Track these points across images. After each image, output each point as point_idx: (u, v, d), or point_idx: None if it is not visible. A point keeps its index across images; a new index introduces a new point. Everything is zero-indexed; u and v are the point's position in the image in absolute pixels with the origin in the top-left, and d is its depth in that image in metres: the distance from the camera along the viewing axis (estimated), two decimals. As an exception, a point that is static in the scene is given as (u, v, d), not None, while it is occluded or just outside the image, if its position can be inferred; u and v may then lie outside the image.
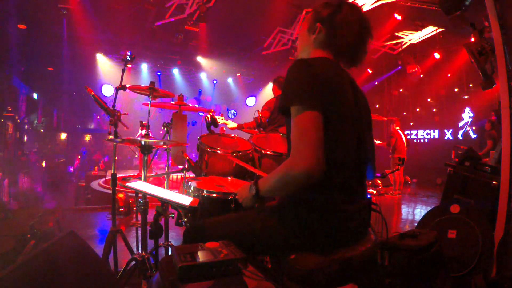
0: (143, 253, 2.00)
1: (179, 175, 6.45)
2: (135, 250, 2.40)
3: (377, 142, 7.12)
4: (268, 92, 14.21)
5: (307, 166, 1.01)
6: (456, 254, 2.29)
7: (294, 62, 1.16)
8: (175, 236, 3.68)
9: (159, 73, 12.26)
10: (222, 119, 3.58)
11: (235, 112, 15.24)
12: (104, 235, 3.43)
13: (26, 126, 10.63)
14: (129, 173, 9.72)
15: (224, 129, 3.12)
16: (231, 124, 3.67)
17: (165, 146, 2.53)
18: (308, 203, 1.13)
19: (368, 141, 1.26)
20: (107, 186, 6.80)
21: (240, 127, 3.71)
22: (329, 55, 1.26)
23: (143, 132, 2.35)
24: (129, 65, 2.34)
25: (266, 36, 9.27)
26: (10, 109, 8.25)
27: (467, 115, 9.70)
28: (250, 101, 14.48)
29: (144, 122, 2.50)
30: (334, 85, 1.14)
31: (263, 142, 2.39)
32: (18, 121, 9.40)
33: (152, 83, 2.29)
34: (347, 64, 1.29)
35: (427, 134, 10.58)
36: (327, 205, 1.11)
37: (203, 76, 13.26)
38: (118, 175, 2.38)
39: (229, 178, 2.15)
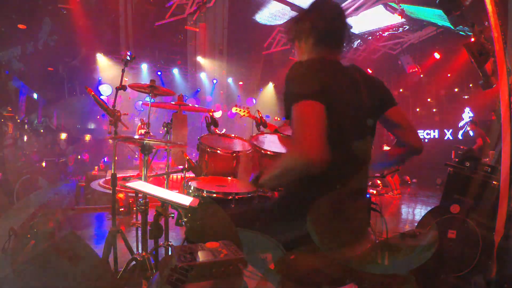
0: (143, 253, 1.99)
1: (179, 175, 6.44)
2: (135, 250, 2.39)
3: (386, 148, 7.08)
4: (268, 92, 14.20)
5: (308, 150, 0.95)
6: (456, 254, 2.29)
7: (291, 66, 1.16)
8: (175, 236, 3.67)
9: (159, 73, 12.24)
10: (245, 112, 3.39)
11: (235, 112, 15.20)
12: (104, 235, 3.42)
13: (26, 126, 10.62)
14: (129, 173, 9.71)
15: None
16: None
17: (164, 146, 2.52)
18: (309, 203, 1.13)
19: (370, 140, 1.25)
20: (107, 186, 6.79)
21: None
22: (324, 53, 1.25)
23: (143, 131, 2.35)
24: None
25: (266, 36, 9.28)
26: (10, 109, 8.25)
27: (467, 115, 9.69)
28: (251, 101, 14.46)
29: (143, 120, 2.50)
30: (332, 81, 1.12)
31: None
32: (18, 121, 9.40)
33: (152, 81, 2.30)
34: (337, 51, 1.28)
35: (427, 134, 10.55)
36: (328, 205, 1.11)
37: (203, 76, 13.26)
38: (118, 175, 2.38)
39: (229, 178, 2.15)
